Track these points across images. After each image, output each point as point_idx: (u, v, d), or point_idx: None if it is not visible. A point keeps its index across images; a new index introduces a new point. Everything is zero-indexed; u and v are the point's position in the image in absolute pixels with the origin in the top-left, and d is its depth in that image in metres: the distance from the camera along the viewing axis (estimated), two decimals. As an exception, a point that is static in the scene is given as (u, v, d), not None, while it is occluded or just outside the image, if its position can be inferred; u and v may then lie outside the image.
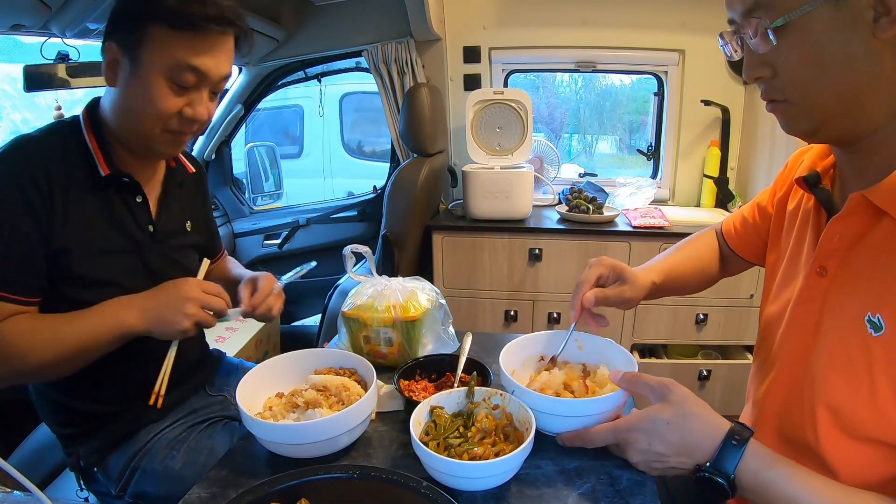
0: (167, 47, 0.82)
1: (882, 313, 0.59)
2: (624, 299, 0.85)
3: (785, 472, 0.59)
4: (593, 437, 0.71)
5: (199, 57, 0.83)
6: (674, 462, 0.65)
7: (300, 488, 0.59)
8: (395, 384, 0.84)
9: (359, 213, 2.67)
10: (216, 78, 0.87)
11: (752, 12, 0.60)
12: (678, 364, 2.15)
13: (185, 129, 0.90)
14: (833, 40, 0.56)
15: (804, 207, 0.75)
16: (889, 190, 0.59)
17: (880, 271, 0.60)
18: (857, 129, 0.61)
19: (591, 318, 0.85)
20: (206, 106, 0.89)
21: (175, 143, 0.92)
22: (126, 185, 0.93)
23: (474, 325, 2.19)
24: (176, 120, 0.87)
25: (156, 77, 0.83)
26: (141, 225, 0.96)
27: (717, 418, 0.65)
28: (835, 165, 0.72)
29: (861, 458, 0.62)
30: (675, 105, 2.37)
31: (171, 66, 0.82)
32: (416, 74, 2.26)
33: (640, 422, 0.67)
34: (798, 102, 0.61)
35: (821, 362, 0.65)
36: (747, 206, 0.96)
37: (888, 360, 0.58)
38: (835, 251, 0.65)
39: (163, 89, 0.84)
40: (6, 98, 2.69)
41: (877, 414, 0.59)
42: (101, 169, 0.89)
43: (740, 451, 0.60)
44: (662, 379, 0.69)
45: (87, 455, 0.98)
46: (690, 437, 0.64)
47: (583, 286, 0.85)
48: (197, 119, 0.88)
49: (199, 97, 0.87)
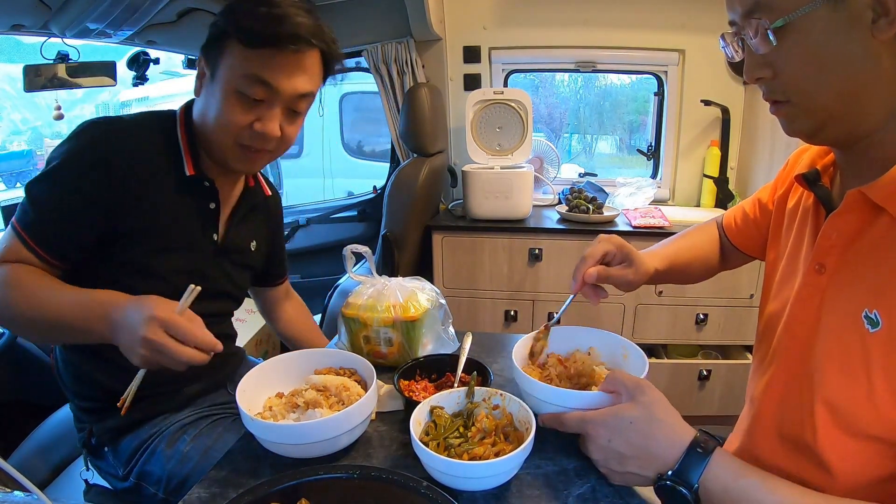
0: (242, 62, 0.83)
1: (879, 309, 0.59)
2: (626, 281, 0.86)
3: (755, 483, 0.57)
4: (564, 421, 0.70)
5: (270, 71, 0.83)
6: (632, 466, 0.63)
7: (300, 488, 0.59)
8: (395, 384, 0.84)
9: (359, 213, 2.68)
10: (288, 94, 0.86)
11: (752, 13, 0.60)
12: (678, 364, 2.15)
13: (256, 145, 0.89)
14: (832, 41, 0.57)
15: (804, 205, 0.76)
16: (886, 186, 0.59)
17: (878, 268, 0.60)
18: (856, 130, 0.62)
19: (591, 291, 0.86)
20: (276, 123, 0.88)
21: (248, 159, 0.92)
22: (205, 189, 0.95)
23: (474, 325, 2.19)
24: (247, 134, 0.88)
25: (228, 89, 0.85)
26: (207, 232, 0.98)
27: (682, 426, 0.63)
28: (834, 163, 0.72)
29: (858, 456, 0.62)
30: (675, 105, 2.38)
31: (241, 78, 0.84)
32: (416, 74, 2.27)
33: (604, 416, 0.66)
34: (799, 103, 0.62)
35: (819, 359, 0.65)
36: (748, 201, 0.96)
37: (885, 356, 0.58)
38: (833, 248, 0.66)
39: (233, 101, 0.85)
40: (6, 98, 2.69)
41: (874, 410, 0.59)
42: (188, 168, 0.91)
43: (705, 461, 0.58)
44: (638, 380, 0.68)
45: (100, 433, 0.99)
46: (652, 442, 0.62)
47: (587, 260, 0.85)
48: (266, 135, 0.87)
49: (269, 113, 0.87)
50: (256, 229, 1.11)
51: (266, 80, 0.84)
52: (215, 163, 0.95)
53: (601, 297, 0.86)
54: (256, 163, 0.94)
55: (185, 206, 0.93)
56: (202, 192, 0.95)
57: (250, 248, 1.09)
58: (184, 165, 0.91)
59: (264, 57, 0.83)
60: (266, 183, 1.13)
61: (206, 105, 0.89)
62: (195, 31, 1.73)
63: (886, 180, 0.59)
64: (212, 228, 0.98)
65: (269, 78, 0.84)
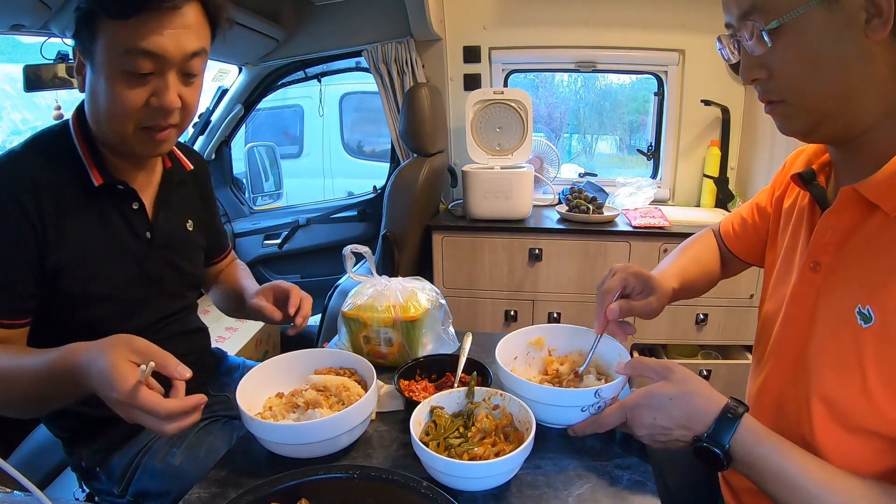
0: (119, 38, 0.75)
1: (872, 305, 0.60)
2: (651, 310, 0.84)
3: (774, 448, 0.62)
4: (605, 420, 0.73)
5: (151, 38, 0.75)
6: (677, 434, 0.67)
7: (300, 488, 0.59)
8: (394, 384, 0.84)
9: (359, 213, 2.68)
10: (178, 57, 0.78)
11: (747, 15, 0.61)
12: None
13: (160, 123, 0.82)
14: (826, 41, 0.57)
15: (799, 205, 0.77)
16: (879, 183, 0.60)
17: (871, 264, 0.61)
18: (850, 129, 0.63)
19: (617, 329, 0.84)
20: (173, 92, 0.80)
21: (155, 142, 0.84)
22: (121, 192, 0.89)
23: (474, 325, 2.19)
24: (145, 114, 0.80)
25: (111, 71, 0.77)
26: (138, 233, 0.93)
27: (715, 395, 0.68)
28: (830, 163, 0.73)
29: (855, 451, 0.63)
30: (675, 105, 2.37)
31: (122, 56, 0.75)
32: (416, 74, 2.26)
33: (644, 398, 0.69)
34: (794, 102, 0.63)
35: (814, 355, 0.66)
36: (746, 207, 0.96)
37: (878, 352, 0.59)
38: (828, 245, 0.66)
39: (121, 83, 0.77)
40: (6, 98, 2.69)
41: (869, 405, 0.60)
42: (94, 178, 0.85)
43: (734, 425, 0.63)
44: (663, 361, 0.72)
45: (89, 456, 0.98)
46: (692, 412, 0.66)
47: (607, 296, 0.83)
48: (166, 107, 0.80)
49: (163, 83, 0.79)
50: (189, 208, 1.05)
51: (149, 49, 0.75)
52: (123, 159, 0.89)
53: (628, 332, 0.84)
54: (165, 143, 0.86)
55: (106, 218, 0.88)
56: (119, 196, 0.89)
57: (187, 228, 1.04)
58: (90, 177, 0.85)
59: (140, 24, 0.74)
60: (186, 156, 1.05)
61: (94, 99, 0.82)
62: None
63: (879, 178, 0.60)
64: (142, 228, 0.93)
65: (152, 46, 0.75)
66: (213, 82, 2.61)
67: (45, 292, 0.83)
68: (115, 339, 0.69)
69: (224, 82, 2.60)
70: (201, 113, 2.59)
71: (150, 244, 0.95)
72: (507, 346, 0.88)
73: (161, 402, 0.64)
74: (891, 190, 0.59)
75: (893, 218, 0.59)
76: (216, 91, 2.60)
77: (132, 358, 0.66)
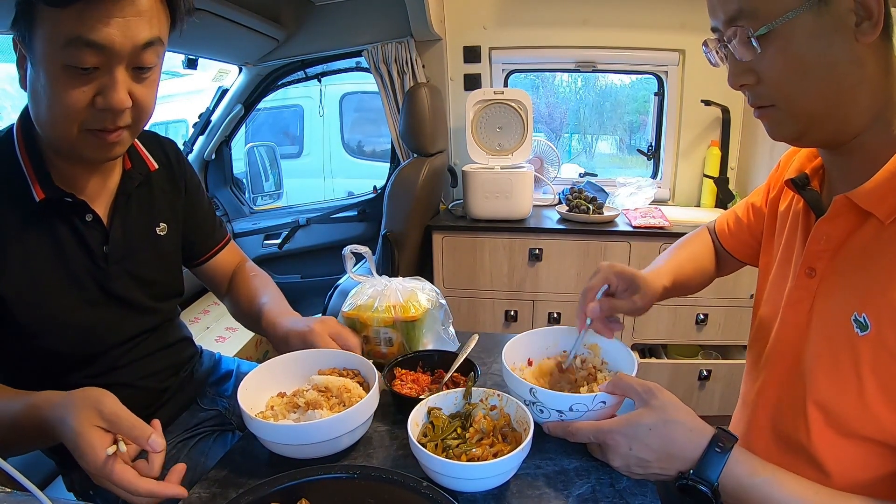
0: (58, 27, 0.65)
1: (867, 312, 0.59)
2: (635, 309, 0.82)
3: (769, 479, 0.58)
4: (575, 431, 0.69)
5: (95, 27, 0.64)
6: (656, 468, 0.63)
7: (300, 488, 0.59)
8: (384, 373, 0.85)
9: (359, 213, 2.68)
10: (126, 48, 0.67)
11: (734, 20, 0.60)
12: (678, 364, 2.15)
13: (108, 125, 0.72)
14: (816, 46, 0.57)
15: (794, 209, 0.76)
16: (872, 192, 0.59)
17: (866, 271, 0.61)
18: (841, 133, 0.62)
19: (602, 326, 0.82)
20: (122, 90, 0.69)
21: (104, 145, 0.74)
22: (69, 205, 0.79)
23: (474, 325, 2.19)
24: (90, 114, 0.70)
25: (52, 66, 0.67)
26: (93, 248, 0.83)
27: (700, 425, 0.63)
28: (823, 167, 0.73)
29: (853, 457, 0.63)
30: (676, 105, 2.37)
31: (64, 49, 0.65)
32: (416, 74, 2.26)
33: (621, 425, 0.65)
34: (784, 108, 0.62)
35: (810, 362, 0.65)
36: (741, 206, 0.96)
37: (874, 359, 0.58)
38: (823, 252, 0.66)
39: (62, 79, 0.67)
40: (6, 98, 2.68)
41: (865, 412, 0.60)
42: (36, 193, 0.76)
43: (724, 458, 0.59)
44: (648, 383, 0.67)
45: (80, 481, 0.94)
46: (672, 445, 0.62)
47: (588, 294, 0.82)
48: (114, 107, 0.69)
49: (110, 80, 0.68)
50: (158, 210, 0.94)
51: (92, 39, 0.65)
52: (73, 164, 0.79)
53: (615, 329, 0.82)
54: (116, 146, 0.75)
55: (55, 236, 0.79)
56: (68, 209, 0.80)
57: (156, 233, 0.93)
58: (32, 191, 0.76)
59: (82, 11, 0.64)
60: (151, 151, 0.93)
61: (35, 98, 0.72)
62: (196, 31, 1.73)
63: (871, 185, 0.59)
64: (96, 243, 0.83)
65: (96, 36, 0.65)
66: (213, 82, 2.61)
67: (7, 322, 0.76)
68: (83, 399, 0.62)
69: (224, 82, 2.60)
70: (201, 113, 2.59)
71: (107, 259, 0.85)
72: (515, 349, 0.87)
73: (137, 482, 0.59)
74: (883, 197, 0.59)
75: (888, 225, 0.59)
76: (216, 91, 2.60)
77: (100, 424, 0.60)
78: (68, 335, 0.81)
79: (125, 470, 0.59)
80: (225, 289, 1.11)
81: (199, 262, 1.09)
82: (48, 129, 0.74)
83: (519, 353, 0.87)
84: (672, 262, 0.96)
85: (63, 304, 0.80)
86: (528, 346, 0.89)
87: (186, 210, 1.01)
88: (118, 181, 0.88)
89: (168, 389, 1.00)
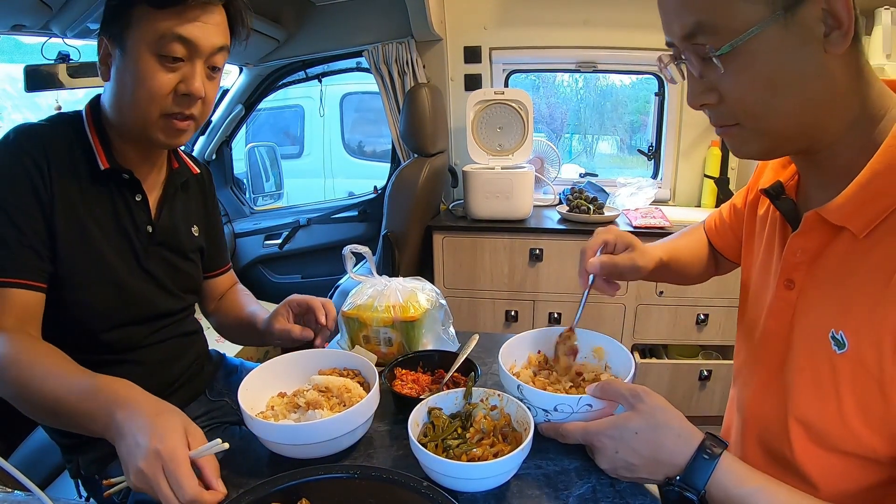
0: (155, 24, 0.80)
1: (845, 330, 0.58)
2: (634, 267, 0.82)
3: (757, 490, 0.56)
4: (565, 432, 0.69)
5: (184, 26, 0.81)
6: (642, 473, 0.63)
7: (300, 488, 0.59)
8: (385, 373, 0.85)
9: (359, 214, 2.68)
10: (207, 48, 0.84)
11: (692, 37, 0.56)
12: (678, 364, 2.15)
13: (184, 111, 0.86)
14: (784, 61, 0.53)
15: (771, 216, 0.74)
16: (843, 206, 0.58)
17: (844, 286, 0.59)
18: (813, 145, 0.60)
19: (604, 284, 0.83)
20: (201, 80, 0.85)
21: (174, 130, 0.87)
22: (126, 181, 0.92)
23: (475, 325, 2.19)
24: (172, 99, 0.84)
25: (144, 55, 0.81)
26: (139, 225, 0.94)
27: (688, 430, 0.62)
28: (798, 173, 0.71)
29: (837, 469, 0.62)
30: (676, 105, 2.37)
31: (157, 40, 0.81)
32: (416, 74, 2.27)
33: (608, 428, 0.65)
34: (750, 126, 0.58)
35: (791, 375, 0.65)
36: (725, 206, 0.95)
37: (853, 378, 0.57)
38: (799, 265, 0.65)
39: (152, 66, 0.82)
40: (7, 98, 2.69)
41: (845, 429, 0.59)
42: (101, 162, 0.88)
43: (711, 465, 0.58)
44: (635, 387, 0.67)
45: (86, 464, 0.97)
46: (660, 450, 0.61)
47: (587, 252, 0.83)
48: (193, 94, 0.84)
49: (192, 71, 0.84)
50: (194, 212, 1.07)
51: (184, 35, 0.81)
52: (136, 149, 0.92)
53: (616, 288, 0.84)
54: (183, 134, 0.89)
55: (110, 203, 0.91)
56: (123, 185, 0.92)
57: (192, 232, 1.05)
58: (97, 161, 0.88)
59: (177, 13, 0.81)
60: (193, 161, 1.09)
61: (120, 86, 0.86)
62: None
63: (841, 200, 0.58)
64: (143, 221, 0.94)
65: (186, 33, 0.81)
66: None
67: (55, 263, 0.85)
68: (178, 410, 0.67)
69: (224, 82, 2.60)
70: (202, 113, 2.60)
71: (150, 238, 0.95)
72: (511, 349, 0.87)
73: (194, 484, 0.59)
74: (854, 213, 0.57)
75: (862, 239, 0.57)
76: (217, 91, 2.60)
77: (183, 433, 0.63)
78: (106, 292, 0.89)
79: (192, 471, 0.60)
80: (213, 307, 1.19)
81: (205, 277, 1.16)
82: (131, 111, 0.86)
83: (519, 353, 0.88)
84: (670, 244, 0.97)
85: (107, 260, 0.90)
86: (528, 345, 0.89)
87: (208, 226, 1.12)
88: (166, 175, 1.01)
89: (180, 378, 1.05)
